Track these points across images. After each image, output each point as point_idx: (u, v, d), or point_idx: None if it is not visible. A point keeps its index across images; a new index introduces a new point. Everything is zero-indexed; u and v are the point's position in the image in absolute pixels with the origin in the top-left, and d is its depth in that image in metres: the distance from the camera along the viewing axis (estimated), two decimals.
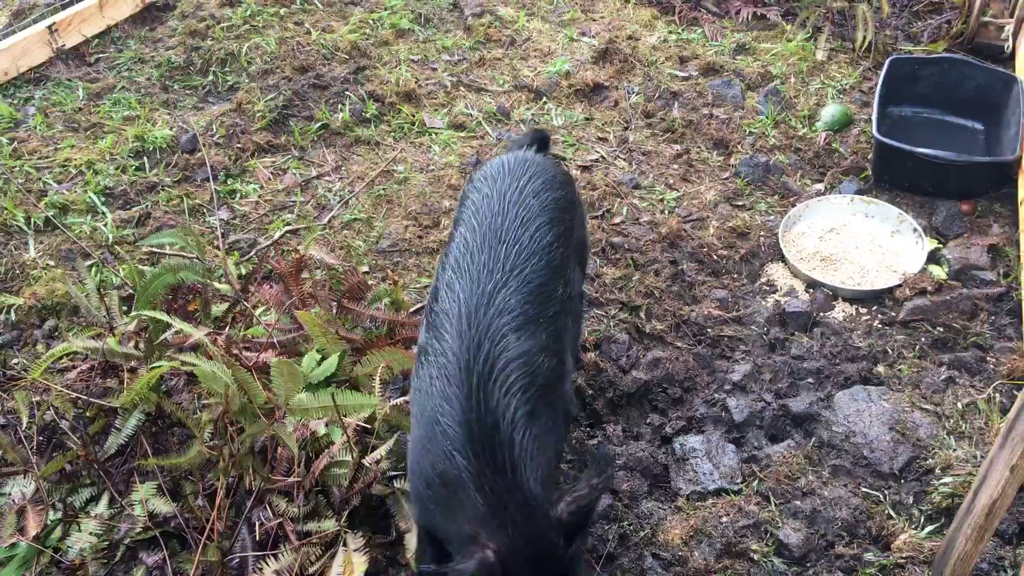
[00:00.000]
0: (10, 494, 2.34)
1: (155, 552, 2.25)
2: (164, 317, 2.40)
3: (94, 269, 3.19)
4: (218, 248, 3.28)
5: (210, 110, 4.06)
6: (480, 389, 1.76)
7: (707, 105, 4.00)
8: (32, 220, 3.44)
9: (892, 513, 2.33)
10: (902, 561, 2.19)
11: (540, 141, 2.58)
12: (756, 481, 2.48)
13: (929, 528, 2.26)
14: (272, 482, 2.28)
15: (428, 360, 1.90)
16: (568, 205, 2.25)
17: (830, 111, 3.83)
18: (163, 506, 2.29)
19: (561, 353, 2.03)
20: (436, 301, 1.98)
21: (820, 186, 3.54)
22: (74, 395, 2.49)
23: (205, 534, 2.17)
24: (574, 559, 1.68)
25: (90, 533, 2.24)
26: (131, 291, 2.88)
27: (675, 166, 3.71)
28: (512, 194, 2.13)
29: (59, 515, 2.31)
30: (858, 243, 3.26)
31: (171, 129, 3.91)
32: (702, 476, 2.51)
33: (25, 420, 2.48)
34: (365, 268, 3.26)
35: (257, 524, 2.22)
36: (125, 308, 2.80)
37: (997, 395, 2.57)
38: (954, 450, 2.43)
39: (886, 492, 2.38)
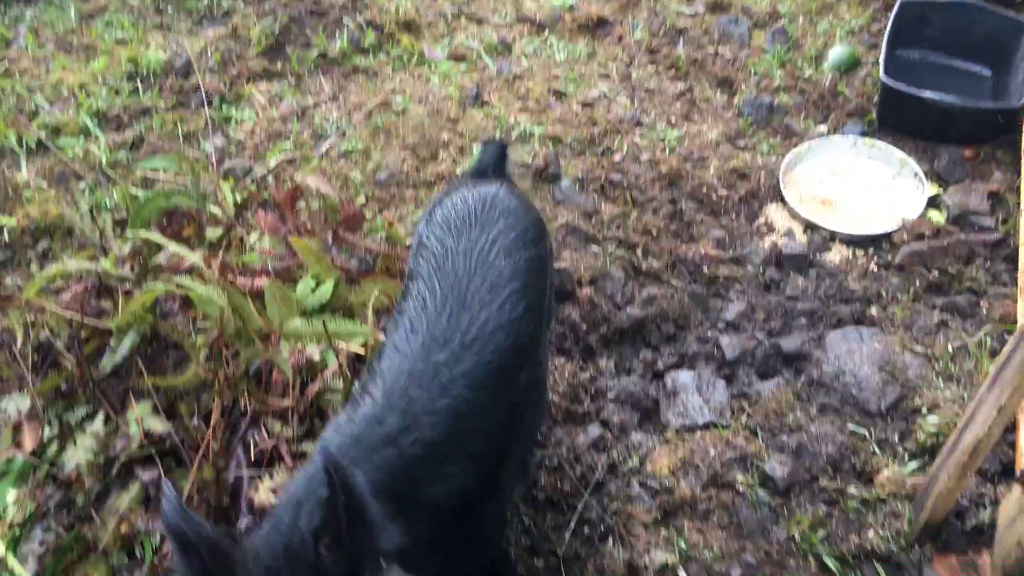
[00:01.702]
0: (6, 410, 2.36)
1: (151, 469, 2.28)
2: (158, 238, 2.39)
3: (87, 191, 3.16)
4: (213, 174, 3.24)
5: (205, 34, 3.98)
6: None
7: (713, 43, 3.93)
8: (24, 141, 3.40)
9: (877, 450, 2.36)
10: (884, 496, 2.22)
11: (498, 155, 2.27)
12: (745, 416, 2.51)
13: (912, 465, 2.30)
14: (267, 405, 2.30)
15: (347, 415, 1.61)
16: (542, 265, 1.91)
17: (837, 52, 3.77)
18: (158, 425, 2.32)
19: (497, 483, 1.69)
20: (380, 359, 1.69)
21: (823, 128, 3.51)
22: (69, 315, 2.49)
23: (200, 452, 2.20)
24: None
25: (86, 449, 2.27)
26: (124, 215, 2.86)
27: (678, 104, 3.66)
28: (480, 251, 1.79)
29: (55, 431, 2.33)
30: (859, 186, 3.24)
31: (165, 53, 3.84)
32: (692, 410, 2.54)
33: (20, 339, 2.48)
34: (362, 199, 3.24)
35: (252, 444, 2.25)
36: (118, 231, 2.78)
37: (988, 339, 2.59)
38: (942, 391, 2.46)
39: (872, 429, 2.42)
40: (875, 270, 2.92)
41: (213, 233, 2.82)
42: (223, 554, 1.26)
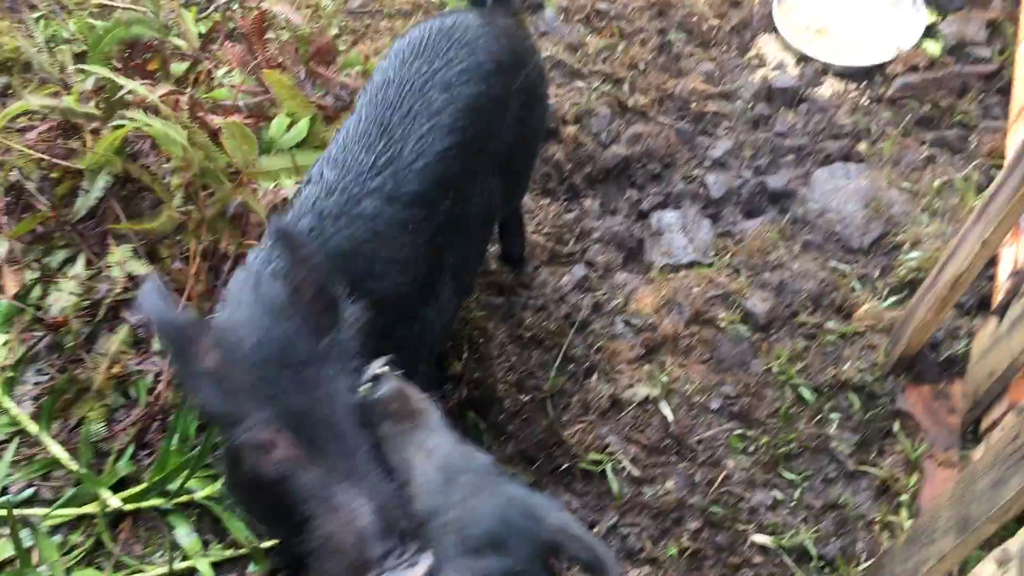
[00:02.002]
0: None
1: (137, 311, 2.28)
2: (113, 76, 2.27)
3: (42, 22, 2.96)
4: (172, 2, 3.03)
5: None
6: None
7: None
8: None
9: (857, 285, 2.40)
10: (862, 330, 2.29)
11: None
12: (728, 255, 2.52)
13: (891, 300, 2.35)
14: (246, 246, 2.27)
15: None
16: (495, 104, 1.82)
17: None
18: (140, 268, 2.29)
19: (432, 292, 1.75)
20: (306, 185, 1.68)
21: None
22: (37, 155, 2.39)
23: (185, 295, 2.19)
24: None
25: (70, 293, 2.25)
26: (83, 47, 2.69)
27: None
28: (417, 82, 1.73)
29: (36, 275, 2.31)
30: (855, 14, 3.11)
31: None
32: (676, 250, 2.55)
33: None
34: (334, 30, 3.07)
35: None
36: (78, 65, 2.62)
37: (976, 173, 2.58)
38: (926, 227, 2.48)
39: (853, 266, 2.45)
40: (866, 104, 2.85)
41: (178, 67, 2.67)
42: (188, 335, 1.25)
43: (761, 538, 2.00)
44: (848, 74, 2.94)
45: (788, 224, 2.57)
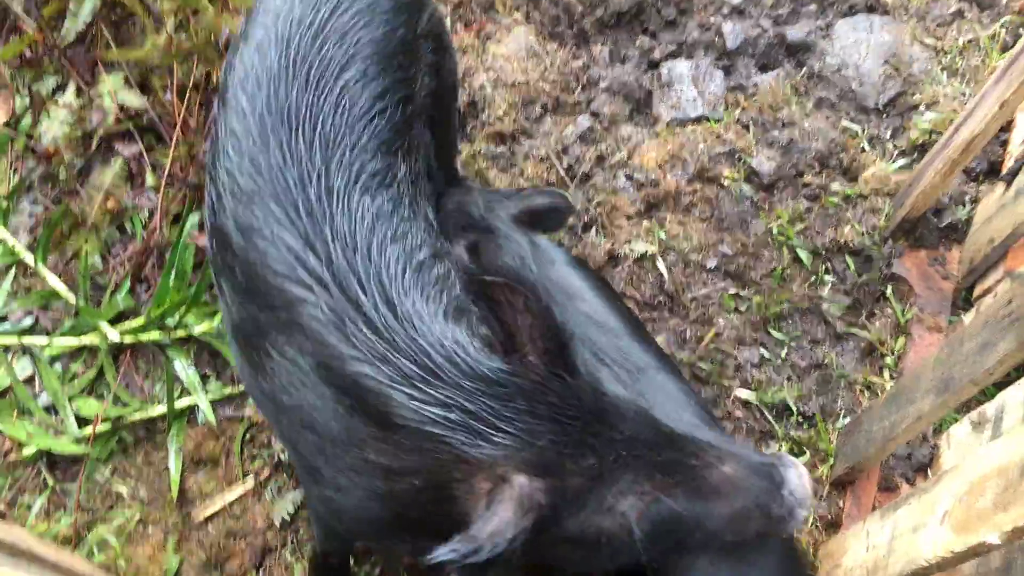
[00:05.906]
0: None
1: (131, 145, 2.24)
2: None
3: None
4: None
5: None
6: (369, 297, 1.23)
7: None
8: None
9: (867, 146, 2.34)
10: (867, 192, 2.25)
11: None
12: (739, 110, 2.44)
13: (900, 162, 2.29)
14: None
15: (272, 355, 1.28)
16: (406, 43, 1.51)
17: None
18: (133, 99, 2.23)
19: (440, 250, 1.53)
20: (223, 249, 1.32)
21: None
22: None
23: (177, 129, 2.14)
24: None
25: (61, 122, 2.21)
26: None
27: None
28: (305, 41, 1.37)
29: (26, 102, 2.25)
30: None
31: None
32: (685, 103, 2.47)
33: None
34: None
35: None
36: None
37: (1003, 31, 2.45)
38: (944, 87, 2.38)
39: (866, 126, 2.38)
40: None
41: None
42: None
43: (744, 393, 2.05)
44: None
45: (803, 79, 2.47)
